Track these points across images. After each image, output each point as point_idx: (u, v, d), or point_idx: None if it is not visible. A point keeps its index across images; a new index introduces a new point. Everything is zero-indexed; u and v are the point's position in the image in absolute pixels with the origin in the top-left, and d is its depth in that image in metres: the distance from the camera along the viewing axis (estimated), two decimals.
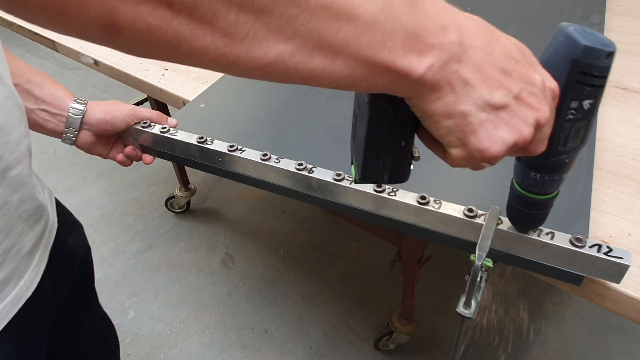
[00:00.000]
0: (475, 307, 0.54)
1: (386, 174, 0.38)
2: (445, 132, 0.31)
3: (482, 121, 0.30)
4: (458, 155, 0.33)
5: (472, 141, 0.31)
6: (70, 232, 0.65)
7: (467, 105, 0.29)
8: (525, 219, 0.48)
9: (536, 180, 0.42)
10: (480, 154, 0.32)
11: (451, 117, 0.30)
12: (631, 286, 0.54)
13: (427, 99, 0.29)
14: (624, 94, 0.87)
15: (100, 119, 0.67)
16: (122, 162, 0.74)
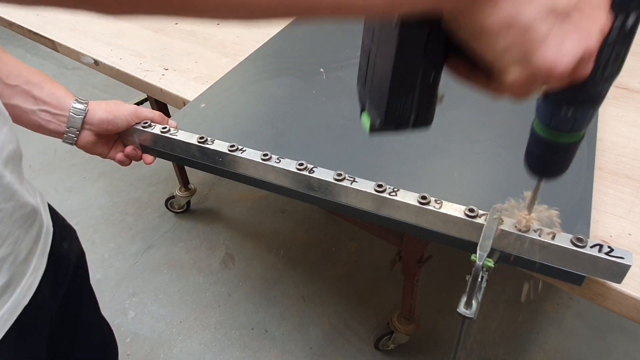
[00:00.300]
0: (476, 307, 0.54)
1: (412, 115, 0.34)
2: (502, 50, 0.26)
3: (547, 33, 0.26)
4: (517, 77, 0.27)
5: (537, 56, 0.26)
6: (64, 236, 0.65)
7: (532, 13, 0.25)
8: (552, 164, 0.42)
9: (567, 116, 0.37)
10: (547, 71, 0.27)
11: (511, 29, 0.25)
12: (631, 286, 0.54)
13: (484, 10, 0.24)
14: (624, 94, 0.87)
15: (102, 118, 0.67)
16: (121, 162, 0.74)
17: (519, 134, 0.75)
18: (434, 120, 0.37)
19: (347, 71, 0.94)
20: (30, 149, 2.15)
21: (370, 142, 0.75)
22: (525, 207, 0.54)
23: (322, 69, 0.95)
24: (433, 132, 0.77)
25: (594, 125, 0.76)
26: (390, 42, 0.30)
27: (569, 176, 0.65)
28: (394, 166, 0.70)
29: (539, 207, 0.54)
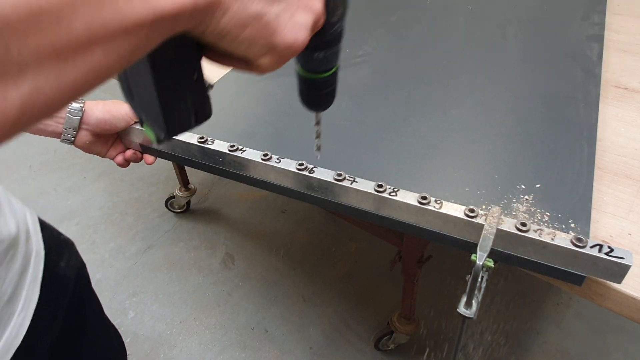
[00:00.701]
0: (476, 307, 0.54)
1: (192, 116, 0.34)
2: (247, 45, 0.28)
3: (277, 15, 0.28)
4: (269, 62, 0.30)
5: (278, 41, 0.29)
6: (61, 254, 0.63)
7: (257, 4, 0.26)
8: (321, 99, 0.48)
9: (320, 59, 0.42)
10: (290, 50, 0.30)
11: (247, 26, 0.27)
12: (631, 286, 0.54)
13: (214, 20, 0.25)
14: (624, 94, 0.87)
15: (100, 118, 0.67)
16: (120, 164, 0.74)
17: (518, 134, 0.75)
18: (432, 120, 0.37)
19: (347, 71, 0.94)
20: (30, 149, 2.15)
21: (370, 142, 0.75)
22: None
23: None
24: (433, 132, 0.77)
25: (593, 125, 0.76)
26: (141, 60, 0.29)
27: (569, 176, 0.66)
28: (394, 166, 0.70)
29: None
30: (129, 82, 0.33)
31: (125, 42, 0.21)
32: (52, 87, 0.19)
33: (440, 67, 0.94)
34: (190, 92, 0.33)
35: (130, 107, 0.36)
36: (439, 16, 1.15)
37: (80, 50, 0.20)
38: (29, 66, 0.18)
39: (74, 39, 0.19)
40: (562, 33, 1.03)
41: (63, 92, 0.20)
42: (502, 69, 0.92)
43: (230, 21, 0.26)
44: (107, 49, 0.20)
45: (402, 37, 1.07)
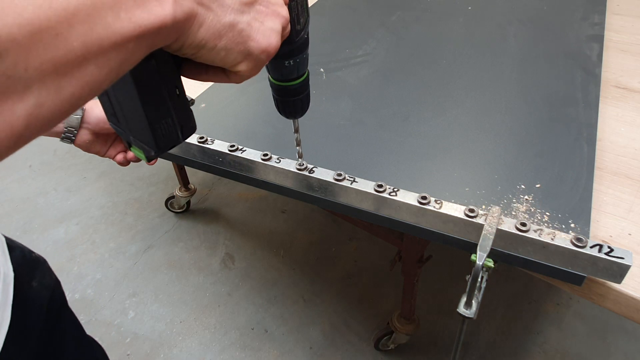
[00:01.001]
0: (476, 307, 0.54)
1: (178, 131, 0.36)
2: (224, 53, 0.30)
3: (249, 23, 0.30)
4: (247, 68, 0.32)
5: (253, 46, 0.31)
6: (33, 273, 0.61)
7: (229, 15, 0.29)
8: (296, 106, 0.51)
9: (291, 67, 0.45)
10: (265, 54, 0.32)
11: (222, 36, 0.29)
12: (631, 286, 0.54)
13: (192, 32, 0.27)
14: (624, 94, 0.87)
15: (100, 117, 0.67)
16: (121, 163, 0.74)
17: (518, 134, 0.75)
18: (432, 120, 0.38)
19: (347, 71, 0.94)
20: (30, 149, 2.15)
21: (370, 142, 0.75)
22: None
23: (322, 69, 0.95)
24: (433, 132, 0.77)
25: (593, 125, 0.76)
26: (126, 82, 0.31)
27: (569, 176, 0.66)
28: (394, 166, 0.70)
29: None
30: (113, 107, 0.35)
31: (114, 56, 0.23)
32: (53, 101, 0.21)
33: (440, 67, 0.94)
34: (174, 108, 0.34)
35: (117, 132, 0.37)
36: (438, 16, 1.15)
37: (76, 65, 0.21)
38: (33, 82, 0.20)
39: (71, 55, 0.21)
40: (562, 33, 1.03)
41: (62, 106, 0.22)
42: (502, 69, 0.92)
43: (207, 32, 0.28)
44: (100, 63, 0.22)
45: (402, 37, 1.07)
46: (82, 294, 1.54)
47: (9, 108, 0.20)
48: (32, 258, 0.64)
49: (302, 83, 0.49)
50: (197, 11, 0.27)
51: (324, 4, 1.24)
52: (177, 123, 0.35)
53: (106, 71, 0.23)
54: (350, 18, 1.17)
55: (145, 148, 0.36)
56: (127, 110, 0.34)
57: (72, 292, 1.54)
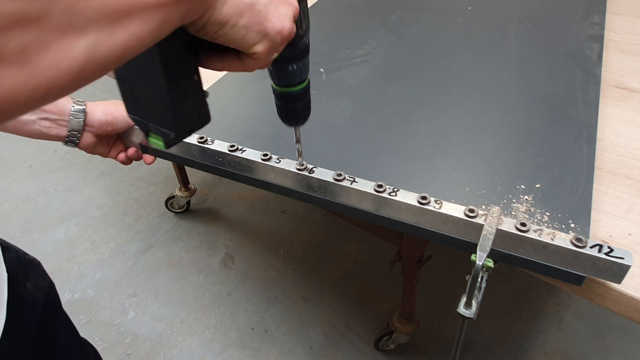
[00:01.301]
0: (476, 308, 0.54)
1: (196, 116, 0.38)
2: (244, 32, 0.33)
3: (266, 5, 0.33)
4: (263, 49, 0.34)
5: (269, 27, 0.34)
6: (28, 275, 0.62)
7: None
8: (298, 113, 0.54)
9: (293, 71, 0.48)
10: (280, 36, 0.35)
11: (244, 14, 0.32)
12: (631, 286, 0.54)
13: (218, 7, 0.30)
14: (624, 94, 0.87)
15: (102, 120, 0.67)
16: (123, 162, 0.74)
17: (518, 134, 0.75)
18: (432, 120, 0.39)
19: (347, 71, 0.94)
20: (30, 149, 2.15)
21: (370, 142, 0.75)
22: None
23: (322, 69, 0.95)
24: (433, 132, 0.77)
25: (593, 125, 0.76)
26: (152, 62, 0.33)
27: (568, 176, 0.66)
28: (394, 166, 0.70)
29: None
30: (134, 95, 0.37)
31: (155, 15, 0.25)
32: (107, 45, 0.23)
33: (440, 67, 0.94)
34: (193, 93, 0.37)
35: (136, 121, 0.39)
36: (438, 16, 1.15)
37: (125, 15, 0.24)
38: (91, 22, 0.22)
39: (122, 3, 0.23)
40: (562, 33, 1.03)
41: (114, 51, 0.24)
42: (502, 69, 0.92)
43: (230, 9, 0.31)
44: (144, 18, 0.25)
45: (402, 37, 1.07)
46: (82, 294, 1.54)
47: (71, 42, 0.22)
48: (26, 260, 0.64)
49: (304, 89, 0.51)
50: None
51: (324, 4, 1.24)
52: (194, 108, 0.37)
53: (148, 28, 0.25)
54: (350, 18, 1.17)
55: (165, 132, 0.37)
56: (149, 95, 0.36)
57: (72, 292, 1.54)
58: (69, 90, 0.23)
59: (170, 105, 0.35)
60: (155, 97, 0.35)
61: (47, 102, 0.23)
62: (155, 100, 0.36)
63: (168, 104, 0.35)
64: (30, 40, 0.20)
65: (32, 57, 0.20)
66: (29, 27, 0.20)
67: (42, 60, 0.21)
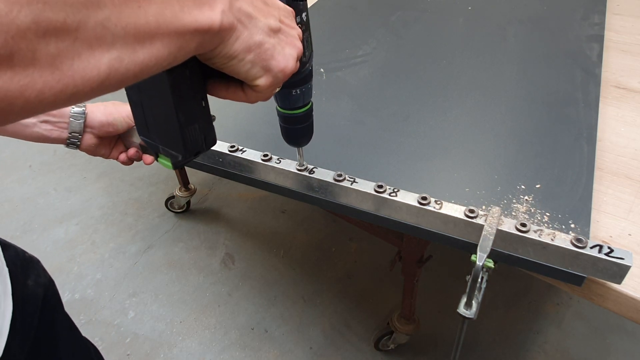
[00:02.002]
0: (476, 308, 0.54)
1: (203, 140, 0.40)
2: (250, 66, 0.35)
3: (273, 45, 0.36)
4: (265, 83, 0.37)
5: (273, 64, 0.36)
6: (28, 272, 0.63)
7: (260, 35, 0.34)
8: (301, 134, 0.57)
9: (297, 95, 0.51)
10: (282, 73, 0.37)
11: (252, 50, 0.34)
12: (631, 286, 0.54)
13: (229, 43, 0.33)
14: (624, 94, 0.87)
15: (102, 121, 0.67)
16: (124, 162, 0.74)
17: (518, 134, 0.75)
18: (432, 120, 0.40)
19: (347, 71, 0.94)
20: (30, 149, 2.15)
21: (370, 142, 0.75)
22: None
23: (322, 69, 0.95)
24: (433, 132, 0.77)
25: (593, 125, 0.76)
26: (162, 89, 0.36)
27: (569, 176, 0.66)
28: (394, 166, 0.70)
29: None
30: (146, 118, 0.40)
31: (174, 41, 0.28)
32: (129, 61, 0.26)
33: (440, 67, 0.94)
34: (200, 117, 0.39)
35: (146, 142, 0.42)
36: (439, 16, 1.15)
37: (149, 37, 0.26)
38: (118, 38, 0.25)
39: (146, 26, 0.26)
40: (562, 33, 1.03)
41: (135, 68, 0.26)
42: (502, 69, 0.92)
43: (240, 45, 0.33)
44: (165, 42, 0.27)
45: (402, 37, 1.07)
46: (82, 294, 1.54)
47: (98, 54, 0.24)
48: (25, 257, 0.65)
49: (307, 112, 0.54)
50: (237, 26, 0.32)
51: (324, 4, 1.24)
52: (201, 132, 0.40)
53: (167, 52, 0.28)
54: (350, 18, 1.17)
55: (173, 154, 0.40)
56: (159, 119, 0.39)
57: (72, 292, 1.54)
58: (90, 97, 0.25)
59: (178, 130, 0.38)
60: (165, 121, 0.38)
61: (70, 105, 0.25)
62: (165, 124, 0.38)
63: (177, 128, 0.37)
64: (64, 48, 0.22)
65: (63, 64, 0.23)
66: (65, 36, 0.22)
67: (71, 67, 0.23)
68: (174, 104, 0.36)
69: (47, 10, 0.21)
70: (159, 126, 0.39)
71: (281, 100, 0.52)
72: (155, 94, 0.37)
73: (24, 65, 0.21)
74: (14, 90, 0.21)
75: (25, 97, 0.22)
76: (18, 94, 0.21)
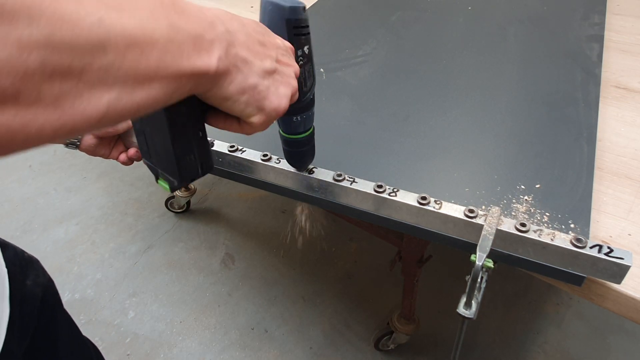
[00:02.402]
0: (475, 308, 0.54)
1: (199, 167, 0.43)
2: (244, 106, 0.37)
3: (267, 86, 0.38)
4: (259, 121, 0.39)
5: (267, 104, 0.38)
6: (27, 272, 0.63)
7: (254, 78, 0.36)
8: (303, 156, 0.60)
9: (298, 122, 0.53)
10: (275, 112, 0.39)
11: (245, 92, 0.36)
12: (631, 286, 0.54)
13: (224, 86, 0.34)
14: (624, 94, 0.87)
15: None
16: (124, 162, 0.74)
17: (518, 134, 0.75)
18: (432, 120, 0.41)
19: (347, 71, 0.94)
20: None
21: (370, 142, 0.75)
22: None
23: (322, 69, 0.95)
24: (433, 132, 0.77)
25: (593, 125, 0.76)
26: (160, 122, 0.38)
27: (568, 176, 0.66)
28: (394, 166, 0.70)
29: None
30: (148, 146, 0.43)
31: (171, 83, 0.29)
32: (127, 101, 0.27)
33: (440, 67, 0.94)
34: (197, 147, 0.41)
35: (148, 165, 0.45)
36: (439, 16, 1.15)
37: (147, 80, 0.27)
38: (119, 80, 0.26)
39: (146, 70, 0.27)
40: (562, 33, 1.03)
41: (131, 108, 0.27)
42: (502, 69, 0.92)
43: (235, 88, 0.35)
44: (162, 84, 0.28)
45: (402, 37, 1.07)
46: (82, 294, 1.54)
47: (99, 95, 0.25)
48: (24, 257, 0.65)
49: (308, 136, 0.57)
50: (232, 70, 0.34)
51: (324, 4, 1.24)
52: (198, 160, 0.42)
53: (163, 93, 0.29)
54: (350, 18, 1.17)
55: (170, 179, 0.42)
56: (159, 148, 0.41)
57: (72, 292, 1.54)
58: (87, 132, 0.27)
59: (175, 160, 0.40)
60: (164, 150, 0.41)
61: (66, 138, 0.25)
62: (164, 153, 0.41)
63: (173, 158, 0.40)
64: (67, 89, 0.24)
65: (65, 103, 0.24)
66: (69, 78, 0.23)
67: (72, 106, 0.24)
68: (170, 137, 0.39)
69: (55, 54, 0.22)
70: (158, 154, 0.42)
71: (283, 126, 0.55)
72: (154, 126, 0.40)
73: (28, 104, 0.22)
74: (16, 126, 0.22)
75: (26, 132, 0.23)
76: (20, 129, 0.22)
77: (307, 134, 0.56)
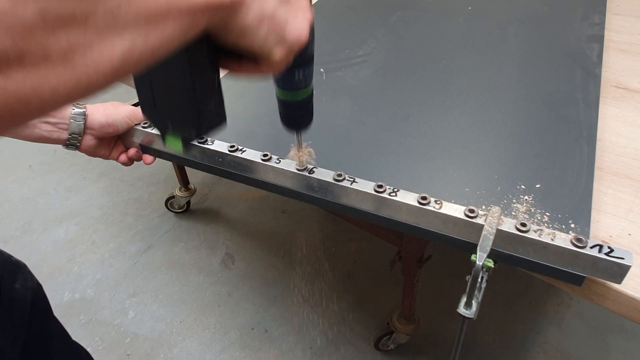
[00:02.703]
0: (476, 308, 0.54)
1: (215, 115, 0.41)
2: (263, 38, 0.34)
3: (285, 15, 0.35)
4: (280, 54, 0.36)
5: (287, 34, 0.36)
6: (15, 276, 0.63)
7: (271, 4, 0.34)
8: (301, 118, 0.56)
9: (299, 77, 0.50)
10: (297, 41, 0.37)
11: (264, 21, 0.33)
12: (631, 286, 0.54)
13: (240, 16, 0.32)
14: (624, 94, 0.87)
15: (102, 122, 0.67)
16: (124, 163, 0.74)
17: (518, 134, 0.75)
18: (432, 120, 0.40)
19: (347, 71, 0.94)
20: (30, 149, 2.15)
21: (370, 142, 0.75)
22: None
23: (322, 69, 0.95)
24: (433, 132, 0.77)
25: (593, 125, 0.76)
26: (179, 64, 0.36)
27: (569, 176, 0.66)
28: (394, 166, 0.70)
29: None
30: (154, 95, 0.40)
31: (186, 20, 0.27)
32: (142, 46, 0.25)
33: (440, 67, 0.94)
34: (213, 95, 0.40)
35: (152, 120, 0.41)
36: (439, 16, 1.15)
37: (160, 19, 0.26)
38: (129, 24, 0.24)
39: (157, 8, 0.25)
40: (562, 33, 1.03)
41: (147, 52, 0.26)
42: (502, 69, 0.92)
43: (253, 17, 0.33)
44: (176, 22, 0.27)
45: (402, 37, 1.07)
46: (82, 294, 1.54)
47: (110, 43, 0.23)
48: (12, 262, 0.65)
49: (307, 97, 0.53)
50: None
51: (324, 4, 1.24)
52: (215, 108, 0.40)
53: (179, 31, 0.27)
54: (350, 18, 1.17)
55: (185, 130, 0.40)
56: (171, 94, 0.38)
57: (72, 292, 1.54)
58: (104, 88, 0.25)
59: (195, 106, 0.38)
60: (179, 97, 0.38)
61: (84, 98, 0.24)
62: (179, 100, 0.38)
63: (194, 103, 0.38)
64: (75, 41, 0.22)
65: (75, 57, 0.22)
66: (74, 28, 0.21)
67: (84, 60, 0.22)
68: (192, 81, 0.36)
69: (53, 2, 0.20)
70: (170, 104, 0.39)
71: (282, 82, 0.51)
72: (169, 72, 0.37)
73: (35, 64, 0.20)
74: (28, 90, 0.20)
75: (40, 96, 0.21)
76: (32, 93, 0.21)
77: (305, 94, 0.52)
